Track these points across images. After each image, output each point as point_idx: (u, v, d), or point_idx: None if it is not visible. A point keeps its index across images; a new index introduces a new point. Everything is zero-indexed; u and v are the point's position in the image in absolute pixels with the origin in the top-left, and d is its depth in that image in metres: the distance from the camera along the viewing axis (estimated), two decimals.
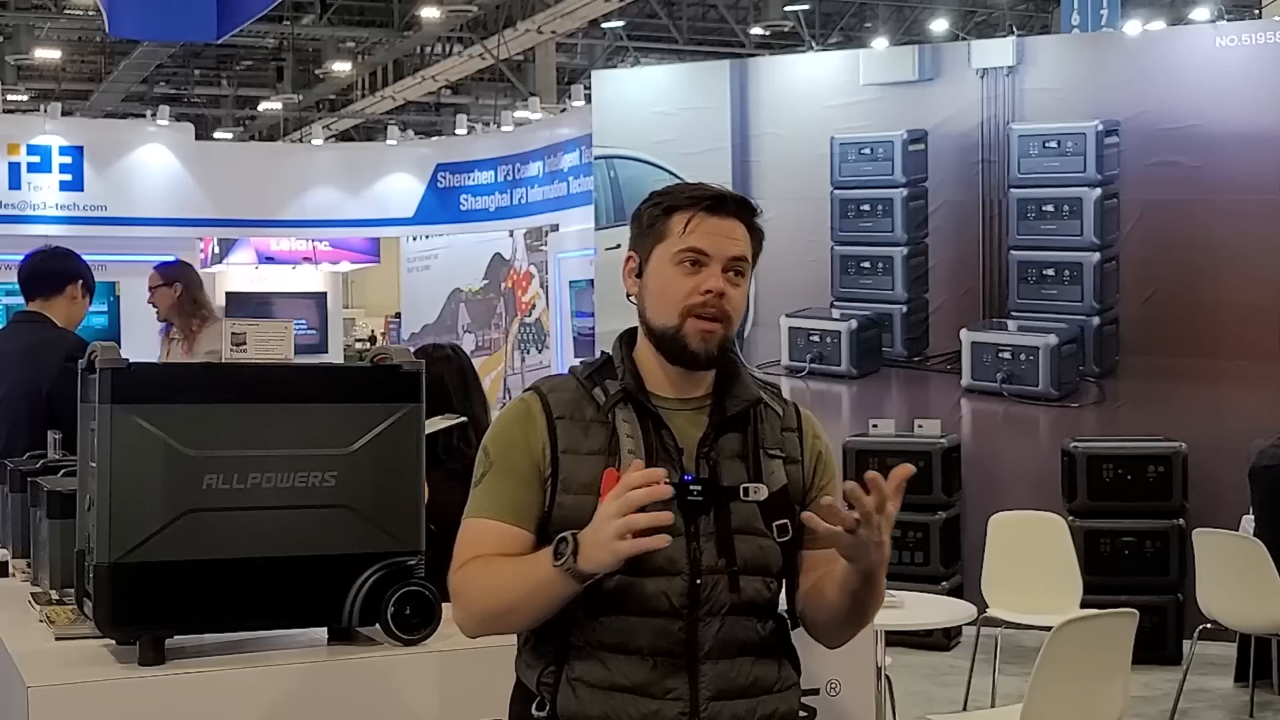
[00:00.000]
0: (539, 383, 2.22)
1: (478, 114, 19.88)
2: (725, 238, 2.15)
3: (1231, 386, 7.34)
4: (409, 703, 2.53)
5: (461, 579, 2.12)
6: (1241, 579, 5.80)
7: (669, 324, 2.14)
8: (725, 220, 2.16)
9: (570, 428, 2.12)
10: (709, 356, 2.14)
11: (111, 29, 7.55)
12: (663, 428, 2.12)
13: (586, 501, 2.05)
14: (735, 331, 2.18)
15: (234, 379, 2.60)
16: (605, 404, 2.13)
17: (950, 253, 7.97)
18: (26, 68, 20.33)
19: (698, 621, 2.07)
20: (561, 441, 2.11)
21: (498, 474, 2.14)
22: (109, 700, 2.35)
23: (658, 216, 2.18)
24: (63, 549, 2.78)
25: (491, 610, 2.09)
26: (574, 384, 2.17)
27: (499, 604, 2.07)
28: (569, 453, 2.11)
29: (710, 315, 2.12)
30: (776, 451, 2.18)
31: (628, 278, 2.22)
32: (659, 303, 2.16)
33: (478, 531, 2.13)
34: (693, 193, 2.18)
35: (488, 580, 2.08)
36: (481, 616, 2.11)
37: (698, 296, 2.12)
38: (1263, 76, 7.38)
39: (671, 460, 2.10)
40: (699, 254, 2.13)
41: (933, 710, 5.97)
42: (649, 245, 2.18)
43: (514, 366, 14.78)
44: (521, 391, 2.24)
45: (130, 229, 13.04)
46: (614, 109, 8.82)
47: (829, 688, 2.88)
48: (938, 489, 7.41)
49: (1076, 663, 4.18)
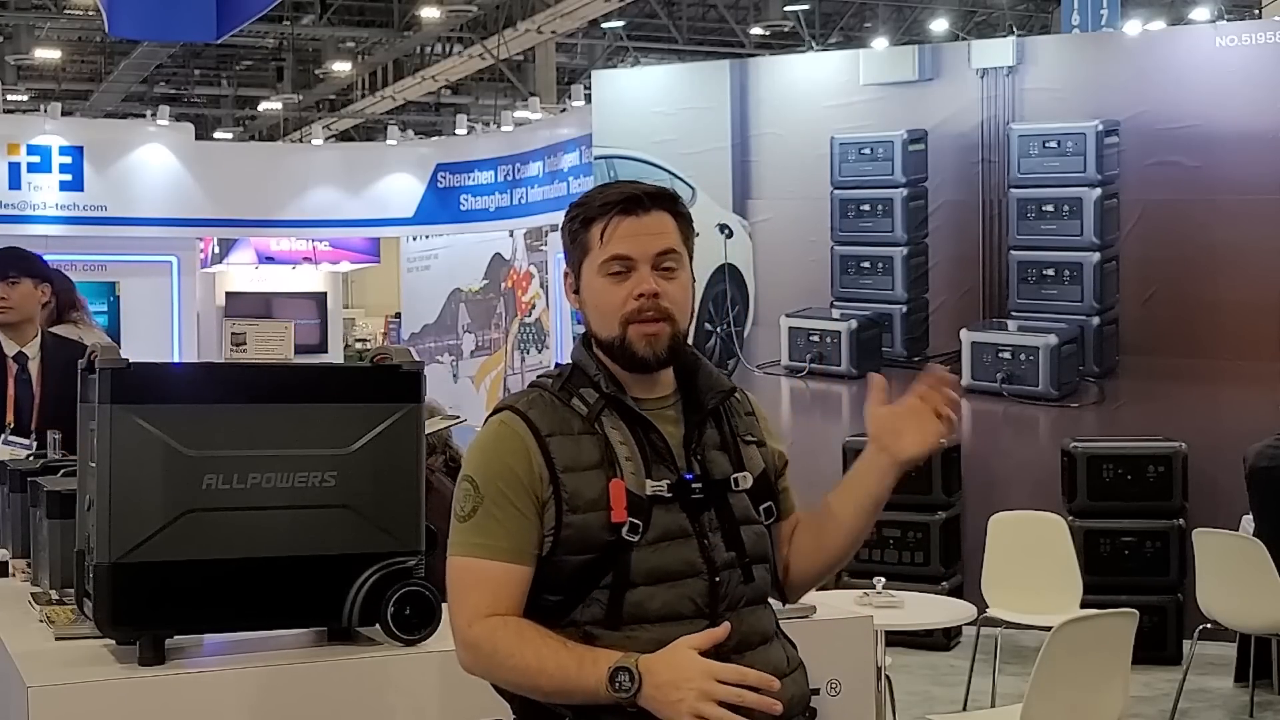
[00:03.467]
0: (511, 401, 2.13)
1: (478, 114, 19.88)
2: (646, 235, 2.10)
3: (1231, 386, 7.34)
4: (409, 703, 2.53)
5: (483, 637, 2.03)
6: (1241, 579, 5.80)
7: (612, 335, 2.10)
8: (643, 218, 2.11)
9: (563, 443, 2.06)
10: (659, 359, 2.11)
11: (111, 29, 7.54)
12: (651, 430, 2.10)
13: (593, 519, 2.03)
14: (685, 326, 2.14)
15: (234, 379, 2.60)
16: (590, 413, 2.09)
17: (950, 253, 7.97)
18: (26, 68, 20.33)
19: (719, 619, 2.06)
20: (559, 460, 2.05)
21: (490, 508, 2.05)
22: (109, 700, 2.35)
23: (578, 230, 2.14)
24: (63, 549, 2.78)
25: (515, 684, 2.04)
26: (548, 397, 2.11)
27: (527, 683, 2.01)
28: (569, 470, 2.05)
29: (650, 317, 2.09)
30: (750, 437, 2.20)
31: (568, 293, 2.19)
32: (598, 316, 2.12)
33: (478, 575, 2.05)
34: (604, 199, 2.14)
35: (521, 657, 2.00)
36: (502, 682, 2.06)
37: (632, 303, 2.09)
38: (1263, 76, 7.38)
39: (664, 462, 2.09)
40: (623, 259, 2.09)
41: (933, 710, 5.97)
42: (578, 260, 2.15)
43: (514, 366, 14.79)
44: (492, 415, 2.14)
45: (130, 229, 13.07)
46: (614, 109, 8.81)
47: (829, 688, 2.88)
48: (938, 489, 7.40)
49: (1076, 663, 4.18)
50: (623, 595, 2.02)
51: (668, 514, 2.06)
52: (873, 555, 7.32)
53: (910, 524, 7.34)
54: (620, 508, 2.02)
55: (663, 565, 2.03)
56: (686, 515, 2.07)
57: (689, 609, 2.05)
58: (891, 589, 5.26)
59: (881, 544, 7.32)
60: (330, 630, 2.59)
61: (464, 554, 2.07)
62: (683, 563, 2.05)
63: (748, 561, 2.11)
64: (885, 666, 4.74)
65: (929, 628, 6.28)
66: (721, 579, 2.08)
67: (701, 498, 2.09)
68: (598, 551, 2.03)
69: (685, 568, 2.05)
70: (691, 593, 2.05)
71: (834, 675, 2.90)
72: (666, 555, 2.05)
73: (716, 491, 2.11)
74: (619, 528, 2.01)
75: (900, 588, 5.56)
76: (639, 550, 2.02)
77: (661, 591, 2.04)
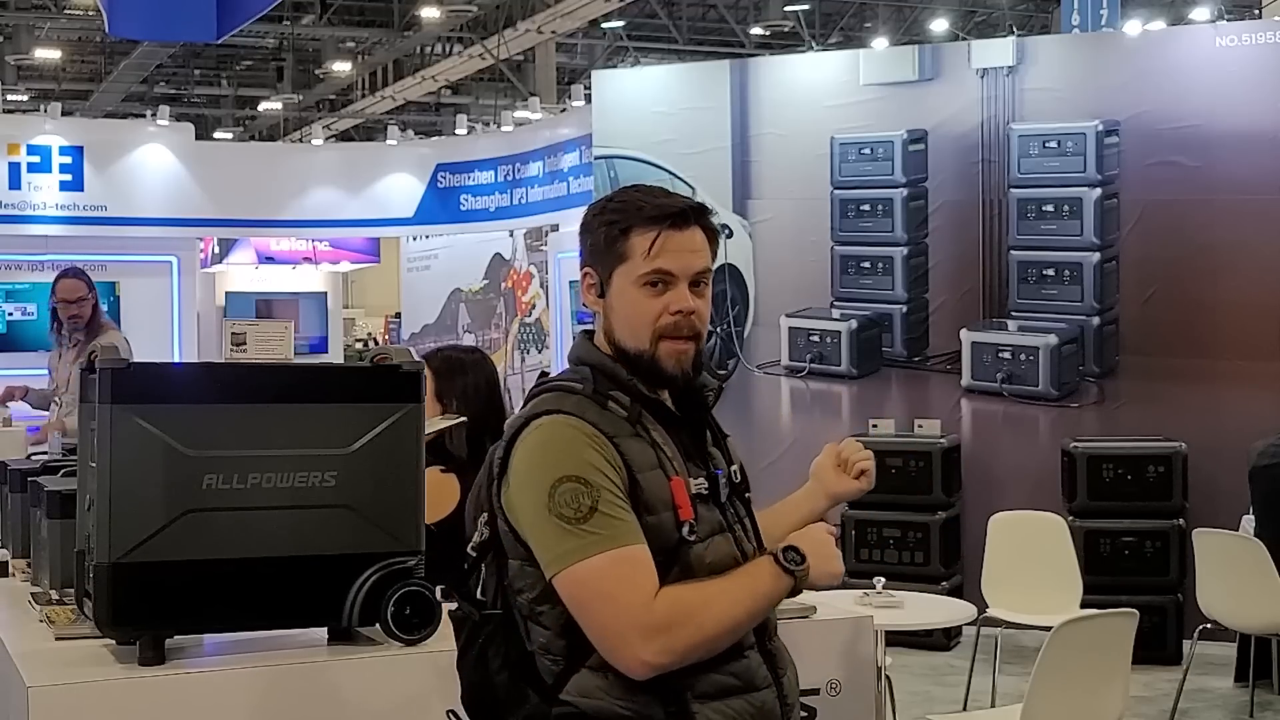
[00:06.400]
0: (557, 405, 2.08)
1: (478, 114, 19.88)
2: (689, 253, 2.11)
3: (1231, 386, 7.33)
4: (409, 703, 2.53)
5: (670, 611, 1.98)
6: (1241, 579, 5.80)
7: (641, 348, 2.10)
8: (686, 232, 2.11)
9: (629, 445, 2.05)
10: (685, 376, 2.12)
11: (111, 29, 7.54)
12: (684, 430, 2.14)
13: (666, 519, 2.04)
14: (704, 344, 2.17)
15: (234, 379, 2.60)
16: (630, 416, 2.08)
17: (950, 253, 7.96)
18: (26, 68, 20.34)
19: None
20: (631, 461, 2.04)
21: (611, 497, 2.00)
22: (109, 700, 2.35)
23: (616, 236, 2.11)
24: (63, 549, 2.78)
25: (717, 634, 2.01)
26: (588, 402, 2.08)
27: (729, 621, 2.01)
28: (641, 471, 2.04)
29: (683, 335, 2.10)
30: (727, 431, 2.25)
31: (587, 294, 2.17)
32: (628, 326, 2.11)
33: (638, 563, 1.99)
34: (654, 211, 2.11)
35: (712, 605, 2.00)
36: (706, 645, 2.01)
37: (668, 318, 2.09)
38: (1263, 76, 7.38)
39: (693, 460, 2.13)
40: (666, 274, 2.09)
41: (933, 710, 5.97)
42: (609, 266, 2.12)
43: (514, 366, 14.79)
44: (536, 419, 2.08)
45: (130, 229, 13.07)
46: (614, 109, 8.81)
47: (829, 688, 2.88)
48: (938, 489, 7.40)
49: (1076, 663, 4.18)
50: None
51: (709, 511, 2.10)
52: (873, 555, 7.33)
53: (910, 524, 7.34)
54: (686, 506, 2.05)
55: (715, 560, 2.07)
56: (719, 511, 2.12)
57: None
58: (891, 589, 5.26)
59: (881, 544, 7.32)
60: (330, 630, 2.59)
61: (604, 548, 1.98)
62: (728, 557, 2.09)
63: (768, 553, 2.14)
64: (885, 666, 4.74)
65: (929, 628, 6.28)
66: None
67: (728, 493, 2.15)
68: (668, 550, 2.04)
69: (731, 562, 2.09)
70: None
71: (834, 675, 2.90)
72: (716, 550, 2.08)
73: (737, 487, 2.18)
74: (683, 525, 2.03)
75: (900, 588, 5.56)
76: (695, 547, 2.05)
77: None
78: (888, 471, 7.46)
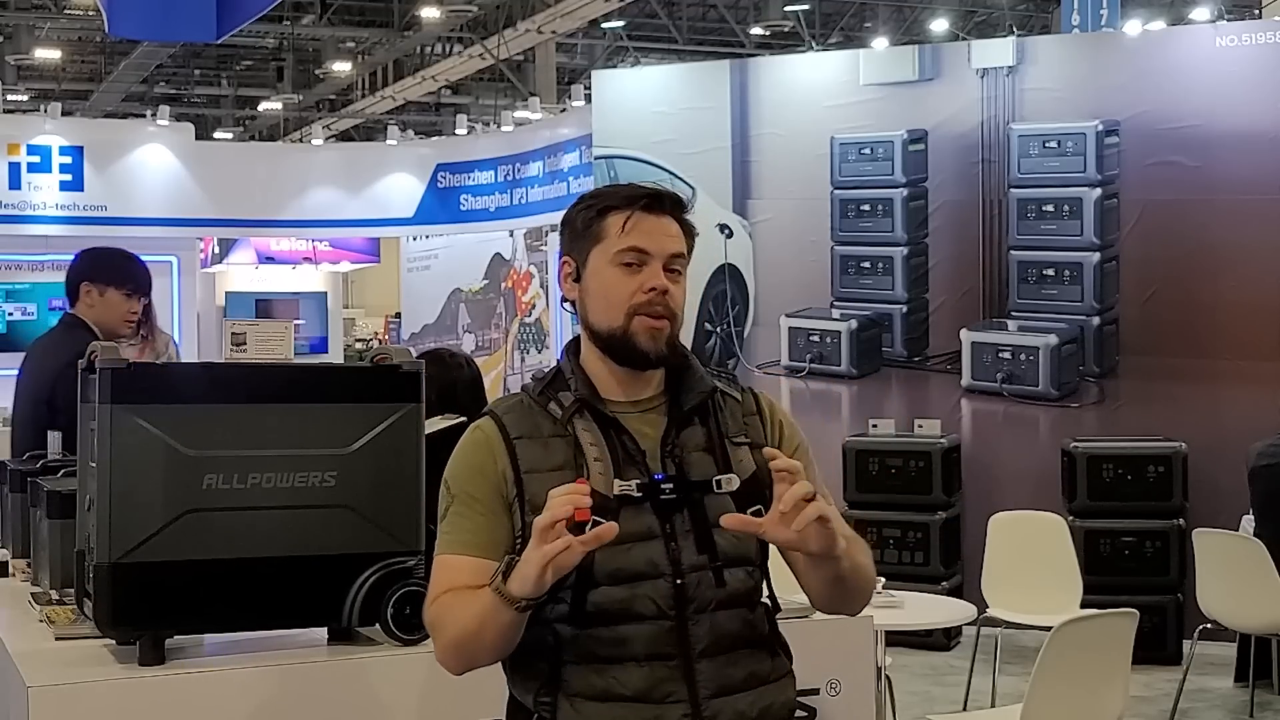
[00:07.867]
0: (493, 405, 2.19)
1: (478, 114, 19.88)
2: (664, 235, 2.14)
3: (1231, 386, 7.33)
4: (409, 703, 2.53)
5: (434, 613, 2.09)
6: (1241, 579, 5.80)
7: (615, 325, 2.11)
8: (661, 218, 2.15)
9: (530, 446, 2.09)
10: (659, 354, 2.12)
11: (111, 29, 7.54)
12: (623, 432, 2.10)
13: None
14: (680, 329, 2.16)
15: (234, 379, 2.61)
16: (562, 417, 2.10)
17: (950, 253, 7.96)
18: (26, 68, 20.33)
19: (687, 621, 2.05)
20: (523, 462, 2.08)
21: (460, 507, 2.10)
22: (109, 700, 2.35)
23: (592, 219, 2.16)
24: (63, 549, 2.78)
25: (456, 639, 2.05)
26: (527, 401, 2.14)
27: (462, 633, 2.04)
28: (532, 472, 2.07)
29: (657, 313, 2.10)
30: (741, 438, 2.16)
31: (565, 283, 2.20)
32: (602, 305, 2.13)
33: (449, 569, 2.09)
34: (627, 192, 2.17)
35: (454, 611, 2.05)
36: (455, 649, 2.07)
37: (642, 295, 2.10)
38: (1263, 76, 7.38)
39: (635, 464, 2.09)
40: (640, 252, 2.12)
41: (933, 710, 5.97)
42: (585, 248, 2.16)
43: (514, 366, 14.79)
44: None
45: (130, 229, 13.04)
46: (614, 109, 8.81)
47: (829, 688, 2.89)
48: (938, 489, 7.40)
49: (1076, 663, 4.18)
50: (585, 594, 2.03)
51: (637, 515, 2.05)
52: (872, 555, 7.32)
53: (910, 524, 7.34)
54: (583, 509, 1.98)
55: (626, 565, 2.03)
56: (657, 516, 2.07)
57: (650, 609, 2.05)
58: (891, 589, 5.25)
59: (881, 544, 7.32)
60: (330, 630, 2.60)
61: (439, 552, 2.13)
62: (646, 563, 2.05)
63: (719, 565, 2.08)
64: (885, 666, 4.74)
65: (929, 628, 6.28)
66: (688, 581, 2.06)
67: (673, 498, 2.07)
68: None
69: (649, 568, 2.05)
70: (654, 593, 2.05)
71: (834, 675, 2.90)
72: (630, 556, 2.04)
73: (691, 492, 2.09)
74: (582, 527, 1.95)
75: (900, 588, 5.55)
76: (603, 551, 1.97)
77: (623, 591, 2.04)
78: (888, 471, 7.48)
